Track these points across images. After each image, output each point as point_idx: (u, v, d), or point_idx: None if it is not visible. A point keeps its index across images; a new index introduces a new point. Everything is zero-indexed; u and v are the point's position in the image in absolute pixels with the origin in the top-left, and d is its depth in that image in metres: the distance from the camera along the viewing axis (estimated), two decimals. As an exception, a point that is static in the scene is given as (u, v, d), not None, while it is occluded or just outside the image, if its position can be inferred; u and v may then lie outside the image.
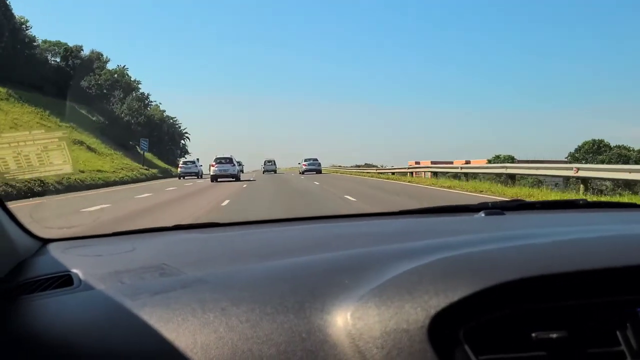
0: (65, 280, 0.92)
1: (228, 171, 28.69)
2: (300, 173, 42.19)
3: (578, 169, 13.45)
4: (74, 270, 0.96)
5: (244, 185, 21.21)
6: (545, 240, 0.87)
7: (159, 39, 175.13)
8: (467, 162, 66.59)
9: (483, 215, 1.41)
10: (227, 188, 19.16)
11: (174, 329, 0.70)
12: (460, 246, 0.86)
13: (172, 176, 40.46)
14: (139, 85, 59.98)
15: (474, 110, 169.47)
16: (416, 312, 0.66)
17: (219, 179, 28.20)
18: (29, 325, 0.76)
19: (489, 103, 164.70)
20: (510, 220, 1.39)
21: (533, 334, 0.67)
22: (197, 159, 40.76)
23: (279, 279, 0.81)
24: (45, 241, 1.26)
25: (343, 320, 0.68)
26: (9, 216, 1.08)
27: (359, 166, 70.78)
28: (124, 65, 56.35)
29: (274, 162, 50.48)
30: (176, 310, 0.73)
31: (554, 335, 0.67)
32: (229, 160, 29.67)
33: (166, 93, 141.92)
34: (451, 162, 77.31)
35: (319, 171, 41.85)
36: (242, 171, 58.41)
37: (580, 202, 1.68)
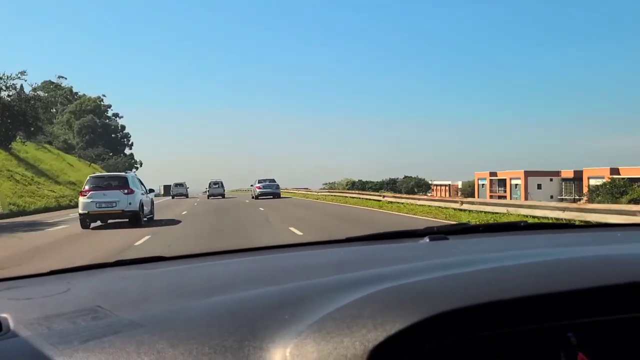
0: None
1: (115, 206, 14.78)
2: (253, 197, 36.40)
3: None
4: (3, 315, 0.91)
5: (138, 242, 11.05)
6: (483, 267, 0.90)
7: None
8: (615, 171, 51.62)
9: (427, 240, 1.46)
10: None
11: None
12: (403, 275, 0.87)
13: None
14: None
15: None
16: (354, 346, 0.65)
17: (108, 219, 15.33)
18: None
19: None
20: (454, 245, 1.44)
21: None
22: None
23: (219, 317, 0.79)
24: None
25: (281, 358, 0.67)
26: None
27: (391, 185, 52.87)
28: None
29: (222, 183, 44.04)
30: (109, 354, 0.70)
31: None
32: (122, 184, 15.23)
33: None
34: (558, 173, 63.37)
35: (276, 195, 36.03)
36: (185, 195, 50.72)
37: (522, 224, 1.77)
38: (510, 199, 57.15)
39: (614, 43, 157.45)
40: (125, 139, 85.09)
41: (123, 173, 17.79)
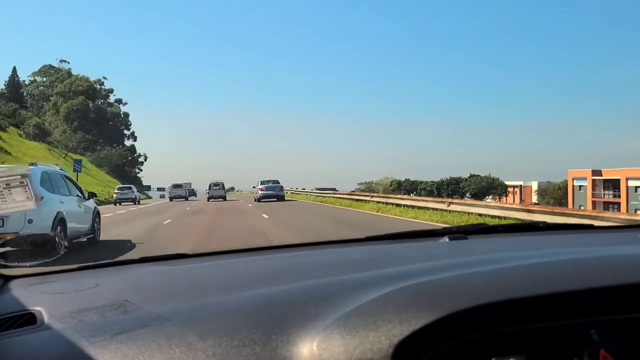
0: (28, 318, 0.91)
1: (2, 227, 7.20)
2: (255, 200, 33.39)
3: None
4: (37, 308, 0.94)
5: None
6: (505, 265, 0.90)
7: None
8: None
9: (447, 240, 1.45)
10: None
11: None
12: (425, 273, 0.88)
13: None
14: None
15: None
16: (380, 341, 0.67)
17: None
18: None
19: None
20: (474, 244, 1.43)
21: (493, 359, 0.70)
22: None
23: (246, 311, 0.82)
24: (7, 278, 1.24)
25: (309, 351, 0.69)
26: None
27: (453, 186, 47.16)
28: None
29: (223, 185, 40.95)
30: (142, 346, 0.73)
31: None
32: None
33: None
34: None
35: (280, 197, 32.81)
36: (185, 198, 45.59)
37: (541, 224, 1.76)
38: (627, 206, 40.36)
39: None
40: (125, 128, 71.03)
41: (25, 167, 8.22)
